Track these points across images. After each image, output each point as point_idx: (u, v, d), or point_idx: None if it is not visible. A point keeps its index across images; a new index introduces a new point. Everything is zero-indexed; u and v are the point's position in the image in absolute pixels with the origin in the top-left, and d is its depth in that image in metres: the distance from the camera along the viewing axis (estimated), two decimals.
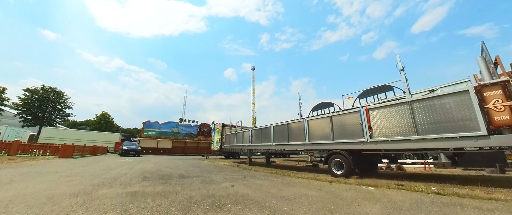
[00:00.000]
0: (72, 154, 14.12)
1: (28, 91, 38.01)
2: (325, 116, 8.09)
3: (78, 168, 7.74)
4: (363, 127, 6.64)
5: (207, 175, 6.98)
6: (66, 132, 34.57)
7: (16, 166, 7.39)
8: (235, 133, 15.02)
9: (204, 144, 37.69)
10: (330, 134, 7.62)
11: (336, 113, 7.68)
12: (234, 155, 22.64)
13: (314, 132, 8.35)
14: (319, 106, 18.93)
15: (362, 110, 6.81)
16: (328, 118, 7.79)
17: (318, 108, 19.18)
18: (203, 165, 11.37)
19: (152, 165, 10.04)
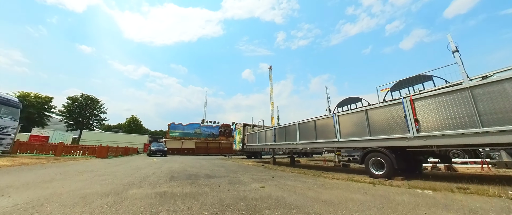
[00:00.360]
0: (107, 155, 15.12)
1: (70, 100, 42.51)
2: (359, 110, 7.30)
3: (111, 167, 8.07)
4: (407, 120, 5.77)
5: (233, 175, 6.71)
6: (102, 135, 37.73)
7: (59, 165, 7.96)
8: (257, 132, 14.69)
9: (225, 144, 38.18)
10: (365, 130, 6.83)
11: (372, 106, 6.85)
12: (256, 155, 22.37)
13: (346, 128, 7.59)
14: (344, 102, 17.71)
15: (405, 101, 5.93)
16: (363, 112, 6.99)
17: (343, 104, 17.95)
18: (227, 165, 11.23)
19: (178, 165, 10.17)
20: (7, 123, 11.93)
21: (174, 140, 34.04)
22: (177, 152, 32.80)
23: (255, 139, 14.98)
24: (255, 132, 15.35)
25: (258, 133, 14.57)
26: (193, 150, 34.58)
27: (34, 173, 5.53)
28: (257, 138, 14.47)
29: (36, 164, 8.05)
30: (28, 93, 39.48)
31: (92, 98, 45.10)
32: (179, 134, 34.96)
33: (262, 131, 14.08)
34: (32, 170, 6.25)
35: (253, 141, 15.44)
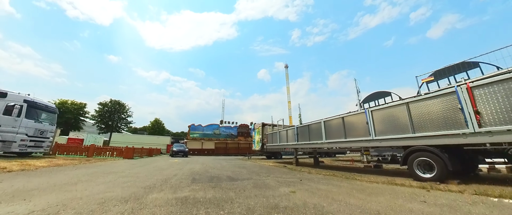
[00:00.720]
0: (133, 156, 15.75)
1: (100, 105, 45.97)
2: (398, 103, 6.37)
3: (135, 168, 8.15)
4: (464, 113, 4.79)
5: (256, 177, 6.26)
6: (129, 137, 40.12)
7: (88, 166, 8.26)
8: (278, 131, 14.11)
9: (244, 144, 38.13)
10: (407, 126, 5.91)
11: (415, 98, 5.90)
12: (276, 155, 21.77)
13: (381, 124, 6.70)
14: (371, 97, 16.29)
15: (460, 90, 4.95)
16: (403, 106, 6.07)
17: (370, 99, 16.53)
18: (248, 166, 10.86)
19: (200, 166, 10.04)
20: (46, 127, 12.93)
21: (194, 141, 34.86)
22: (198, 153, 33.52)
23: (276, 138, 14.42)
24: (275, 132, 14.79)
25: (278, 133, 13.99)
26: (213, 150, 35.08)
27: (63, 174, 5.66)
28: (278, 138, 13.89)
29: (68, 165, 8.45)
30: (65, 101, 43.58)
31: (120, 103, 48.23)
32: (199, 134, 35.71)
33: (283, 130, 13.47)
34: (63, 171, 6.46)
35: (273, 141, 14.90)
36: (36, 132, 12.18)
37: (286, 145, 12.88)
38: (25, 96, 12.01)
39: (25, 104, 11.72)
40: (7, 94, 11.68)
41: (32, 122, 11.94)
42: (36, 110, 12.44)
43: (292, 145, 12.05)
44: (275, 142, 14.47)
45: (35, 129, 12.11)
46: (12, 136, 11.07)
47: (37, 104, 12.44)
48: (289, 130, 12.52)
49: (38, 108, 12.52)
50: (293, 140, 11.75)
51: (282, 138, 13.48)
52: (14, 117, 11.20)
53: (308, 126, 10.46)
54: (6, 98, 11.55)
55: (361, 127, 7.39)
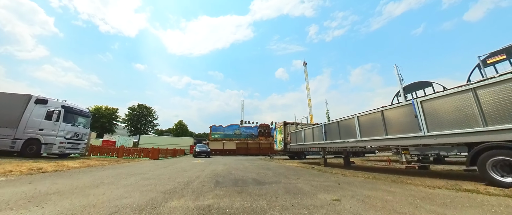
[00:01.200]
0: (158, 156, 16.16)
1: (130, 109, 49.45)
2: (460, 90, 5.14)
3: (159, 169, 8.05)
4: None
5: (285, 180, 5.59)
6: (155, 138, 42.23)
7: (116, 167, 8.40)
8: (302, 130, 13.21)
9: (265, 144, 37.54)
10: (475, 118, 4.71)
11: (486, 82, 4.65)
12: (299, 155, 20.75)
13: (436, 117, 5.52)
14: (409, 89, 14.41)
15: None
16: (469, 93, 4.86)
17: (408, 91, 14.65)
18: (272, 167, 10.21)
19: (222, 167, 9.68)
20: (81, 130, 13.80)
21: (216, 141, 35.27)
22: (219, 153, 33.82)
23: (300, 137, 13.53)
24: (299, 130, 13.90)
25: (302, 131, 13.08)
26: (234, 151, 35.11)
27: (90, 176, 5.63)
28: (302, 137, 12.99)
29: (98, 166, 8.70)
30: (100, 107, 47.65)
31: (146, 107, 51.35)
32: (220, 135, 36.05)
33: (308, 129, 12.54)
34: (91, 172, 6.52)
35: (297, 140, 14.03)
36: (72, 134, 13.03)
37: (312, 145, 11.94)
38: (63, 103, 12.93)
39: (63, 110, 12.57)
40: (48, 101, 12.66)
41: (69, 125, 12.78)
42: (72, 115, 13.31)
43: (319, 144, 11.08)
44: (299, 141, 13.58)
45: (71, 132, 12.95)
46: (52, 139, 11.92)
47: (72, 109, 13.31)
48: (315, 128, 11.57)
49: (73, 113, 13.39)
50: (320, 138, 10.78)
51: (307, 136, 12.56)
52: (53, 121, 12.08)
53: (338, 123, 9.44)
54: (47, 105, 12.50)
55: (406, 121, 6.25)
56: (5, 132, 11.86)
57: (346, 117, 9.04)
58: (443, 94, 5.46)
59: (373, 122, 7.45)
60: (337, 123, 9.46)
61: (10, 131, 11.85)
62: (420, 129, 5.74)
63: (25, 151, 11.58)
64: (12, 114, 12.18)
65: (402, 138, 6.35)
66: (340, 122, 9.30)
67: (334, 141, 9.66)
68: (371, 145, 8.02)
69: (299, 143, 13.61)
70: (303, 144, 12.97)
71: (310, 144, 12.27)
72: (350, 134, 8.55)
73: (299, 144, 13.72)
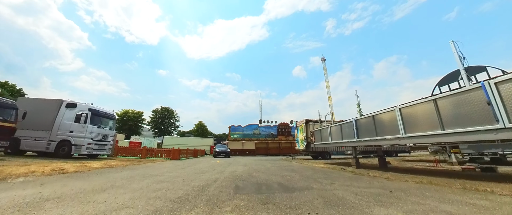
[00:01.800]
0: (179, 157, 16.17)
1: (153, 112, 52.00)
2: None
3: (176, 170, 7.66)
4: None
5: (317, 185, 4.66)
6: (178, 139, 43.59)
7: (135, 168, 8.23)
8: (328, 127, 11.99)
9: (285, 143, 36.36)
10: None
11: None
12: (323, 155, 19.34)
13: None
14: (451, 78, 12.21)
15: None
16: None
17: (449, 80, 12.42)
18: (297, 168, 9.26)
19: (242, 168, 9.01)
20: (107, 132, 14.27)
21: (235, 142, 35.07)
22: (239, 153, 33.53)
23: (325, 136, 12.31)
24: (324, 128, 12.68)
25: (328, 129, 11.86)
26: (253, 151, 34.56)
27: (104, 177, 5.33)
28: (328, 135, 11.78)
29: (119, 167, 8.63)
30: (127, 110, 50.80)
31: (169, 109, 53.48)
32: (239, 135, 35.79)
33: (335, 126, 11.30)
34: (108, 173, 6.30)
35: (322, 138, 12.82)
36: (99, 136, 13.49)
37: (341, 143, 10.68)
38: (89, 106, 13.47)
39: (89, 113, 13.05)
40: (77, 105, 13.26)
41: (95, 127, 13.24)
42: (98, 117, 13.80)
43: (349, 142, 9.82)
44: (325, 139, 12.36)
45: (98, 134, 13.41)
46: (81, 140, 12.41)
47: (98, 112, 13.79)
48: (344, 124, 10.30)
49: (99, 115, 13.88)
50: (351, 136, 9.52)
51: (334, 134, 11.32)
52: (81, 123, 12.59)
53: (373, 117, 8.13)
54: (76, 108, 13.10)
55: (473, 110, 4.87)
56: (42, 134, 12.63)
57: (383, 109, 7.73)
58: None
59: (422, 114, 6.10)
60: (372, 117, 8.17)
61: (46, 134, 12.59)
62: (497, 119, 4.37)
63: (58, 152, 12.21)
64: (47, 118, 12.96)
65: (467, 132, 4.97)
66: (375, 116, 8.00)
67: (368, 138, 8.37)
68: (418, 142, 6.66)
69: (325, 142, 12.39)
70: (329, 142, 11.74)
71: (337, 143, 11.02)
72: (390, 130, 7.24)
73: (324, 142, 12.50)
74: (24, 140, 12.55)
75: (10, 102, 10.63)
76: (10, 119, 10.52)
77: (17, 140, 12.33)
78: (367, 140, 8.48)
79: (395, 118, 6.98)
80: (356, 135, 9.07)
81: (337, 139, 11.02)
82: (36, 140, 12.55)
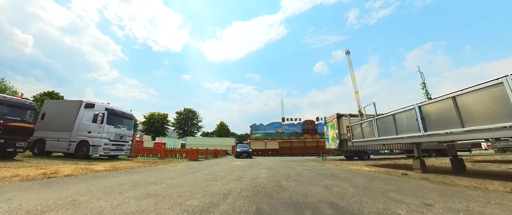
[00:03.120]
0: (197, 157, 15.06)
1: (177, 113, 53.42)
2: None
3: (184, 175, 6.19)
4: None
5: (400, 208, 2.61)
6: (200, 139, 43.71)
7: (139, 171, 7.01)
8: (372, 119, 9.47)
9: (311, 142, 33.56)
10: None
11: None
12: (360, 155, 16.50)
13: None
14: None
15: None
16: None
17: None
18: (338, 173, 7.11)
19: (266, 173, 7.20)
20: (125, 132, 13.73)
21: (257, 141, 33.47)
22: (262, 153, 31.80)
23: (369, 130, 9.81)
24: (366, 121, 10.16)
25: (373, 121, 9.35)
26: (277, 151, 32.51)
27: (82, 186, 4.00)
28: (374, 129, 9.27)
29: (125, 169, 7.54)
30: (153, 113, 52.96)
31: (191, 111, 54.47)
32: (261, 134, 34.10)
33: (385, 117, 8.78)
34: (98, 179, 5.05)
35: (364, 134, 10.31)
36: (116, 136, 12.95)
37: (393, 140, 8.15)
38: (106, 105, 13.02)
39: (106, 112, 12.55)
40: (95, 105, 12.91)
41: (112, 127, 12.71)
42: (115, 117, 13.30)
43: (409, 138, 7.29)
44: (368, 135, 9.86)
45: (115, 134, 12.87)
46: (98, 141, 11.92)
47: (115, 111, 13.27)
48: (400, 113, 7.77)
49: (116, 115, 13.36)
50: (413, 129, 7.02)
51: (383, 128, 8.81)
52: (98, 123, 12.12)
53: (453, 100, 5.57)
54: (94, 108, 12.73)
55: None
56: (63, 135, 12.48)
57: (470, 88, 5.17)
58: None
59: None
60: (452, 99, 5.61)
61: (67, 134, 12.41)
62: None
63: (78, 153, 11.91)
64: (69, 118, 12.80)
65: None
66: (459, 97, 5.45)
67: (446, 131, 5.84)
68: None
69: (368, 139, 9.89)
70: (375, 139, 9.23)
71: (387, 139, 8.51)
72: (489, 117, 4.72)
73: (367, 139, 10.00)
74: (49, 141, 12.51)
75: (27, 103, 10.41)
76: (28, 120, 10.30)
77: (42, 140, 12.38)
78: (444, 133, 5.94)
79: (498, 98, 4.46)
80: (422, 127, 6.55)
81: (386, 134, 8.51)
82: (59, 140, 12.44)
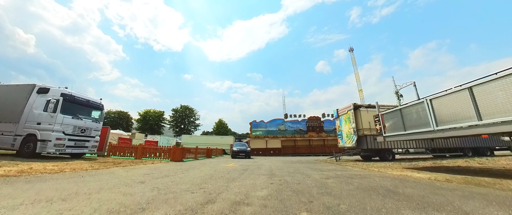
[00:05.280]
0: (183, 157, 12.16)
1: (173, 111, 50.56)
2: None
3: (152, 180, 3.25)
4: None
5: None
6: (197, 138, 40.79)
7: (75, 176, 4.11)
8: (424, 100, 6.41)
9: (317, 141, 30.51)
10: None
11: None
12: (383, 155, 13.44)
13: None
14: None
15: None
16: None
17: None
18: (390, 185, 4.11)
19: (265, 184, 4.23)
20: (89, 125, 10.83)
21: (257, 139, 30.49)
22: (262, 153, 28.83)
23: (417, 118, 6.75)
24: (414, 103, 7.05)
25: (427, 104, 6.27)
26: (279, 150, 29.51)
27: None
28: (428, 116, 6.21)
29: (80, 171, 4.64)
30: (149, 110, 50.18)
31: (188, 108, 51.55)
32: (262, 132, 31.11)
33: (452, 94, 5.72)
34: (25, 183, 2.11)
35: (406, 125, 7.21)
36: (76, 129, 10.09)
37: (479, 128, 5.13)
38: (63, 90, 10.13)
39: (61, 98, 9.70)
40: (49, 90, 10.04)
41: (69, 118, 9.83)
42: (76, 105, 10.42)
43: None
44: (414, 126, 6.81)
45: (74, 126, 10.01)
46: (48, 134, 9.07)
47: (76, 98, 10.38)
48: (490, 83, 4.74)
49: (78, 103, 10.47)
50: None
51: (447, 113, 5.77)
52: (49, 112, 9.27)
53: None
54: (48, 94, 9.87)
55: None
56: (7, 127, 9.67)
57: None
58: None
59: None
60: None
61: (12, 127, 9.58)
62: None
63: (23, 150, 9.10)
64: (16, 107, 9.96)
65: None
66: None
67: None
68: None
69: (417, 130, 6.81)
70: (430, 130, 6.17)
71: (460, 128, 5.49)
72: None
73: (415, 131, 6.92)
74: None
75: None
76: None
77: None
78: None
79: None
80: None
81: (456, 120, 5.48)
82: (3, 134, 9.63)
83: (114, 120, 47.48)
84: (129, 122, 50.48)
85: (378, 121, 8.58)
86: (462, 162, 10.57)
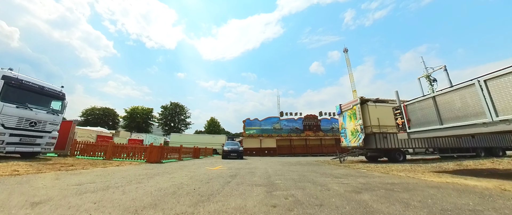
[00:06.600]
0: (161, 158, 10.18)
1: (162, 108, 47.89)
2: None
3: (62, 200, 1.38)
4: None
5: None
6: (186, 137, 38.50)
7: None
8: (480, 80, 4.80)
9: (314, 141, 29.03)
10: None
11: None
12: (393, 155, 11.90)
13: None
14: None
15: None
16: None
17: None
18: (438, 199, 2.41)
19: (265, 200, 2.41)
20: (41, 116, 8.67)
21: (251, 138, 28.66)
22: (256, 153, 27.03)
23: (462, 107, 5.14)
24: (461, 88, 5.40)
25: (480, 87, 4.66)
26: (274, 150, 27.80)
27: None
28: (484, 102, 4.60)
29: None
30: (136, 107, 47.24)
31: (179, 105, 49.04)
32: (256, 130, 29.31)
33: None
34: None
35: (443, 117, 5.62)
36: (20, 122, 7.94)
37: None
38: (5, 72, 7.93)
39: (2, 82, 7.57)
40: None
41: (13, 107, 7.70)
42: (24, 92, 8.26)
43: None
44: (459, 117, 5.21)
45: (18, 118, 7.87)
46: None
47: (23, 83, 8.21)
48: None
49: (26, 89, 8.32)
50: None
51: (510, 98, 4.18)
52: None
53: None
54: None
55: None
56: None
57: None
58: None
59: None
60: None
61: None
62: None
63: None
64: None
65: None
66: None
67: None
68: None
69: (456, 124, 5.22)
70: (486, 123, 4.58)
71: None
72: None
73: (454, 125, 5.32)
74: None
75: None
76: None
77: None
78: None
79: None
80: None
81: None
82: None
83: (99, 117, 44.39)
84: (115, 119, 47.40)
85: (400, 113, 6.95)
86: (488, 162, 9.16)
